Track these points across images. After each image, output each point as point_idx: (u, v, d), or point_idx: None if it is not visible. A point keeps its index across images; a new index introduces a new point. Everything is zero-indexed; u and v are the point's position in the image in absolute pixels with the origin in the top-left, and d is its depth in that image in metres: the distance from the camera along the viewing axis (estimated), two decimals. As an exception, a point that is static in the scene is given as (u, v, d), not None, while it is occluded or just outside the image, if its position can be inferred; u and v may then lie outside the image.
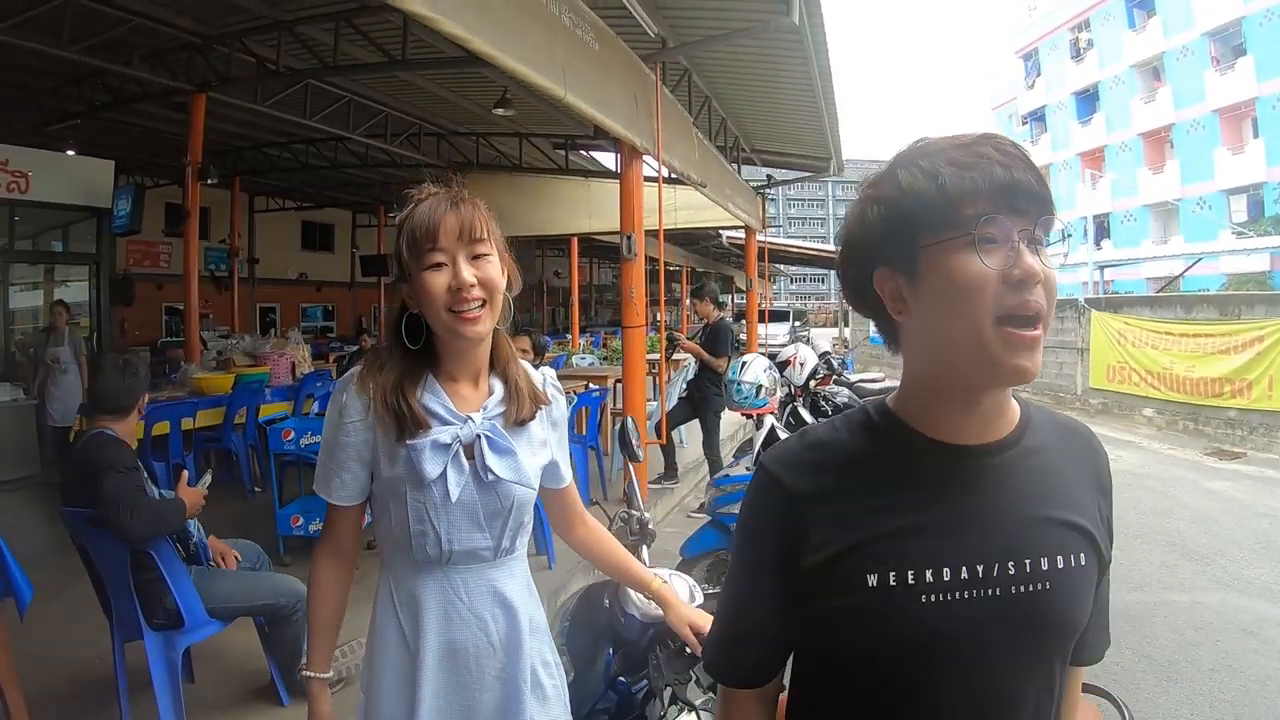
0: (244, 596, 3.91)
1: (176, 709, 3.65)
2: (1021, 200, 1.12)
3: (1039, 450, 1.24)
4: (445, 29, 4.25)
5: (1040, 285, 1.10)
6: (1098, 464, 1.32)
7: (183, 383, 9.21)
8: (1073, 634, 1.21)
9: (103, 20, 9.06)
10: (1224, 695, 4.67)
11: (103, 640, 3.89)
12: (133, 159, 15.94)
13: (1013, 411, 1.25)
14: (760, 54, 9.84)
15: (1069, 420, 1.37)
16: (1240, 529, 8.13)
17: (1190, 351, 14.34)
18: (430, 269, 1.76)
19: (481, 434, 1.83)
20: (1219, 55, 31.85)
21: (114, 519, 3.42)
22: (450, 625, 1.84)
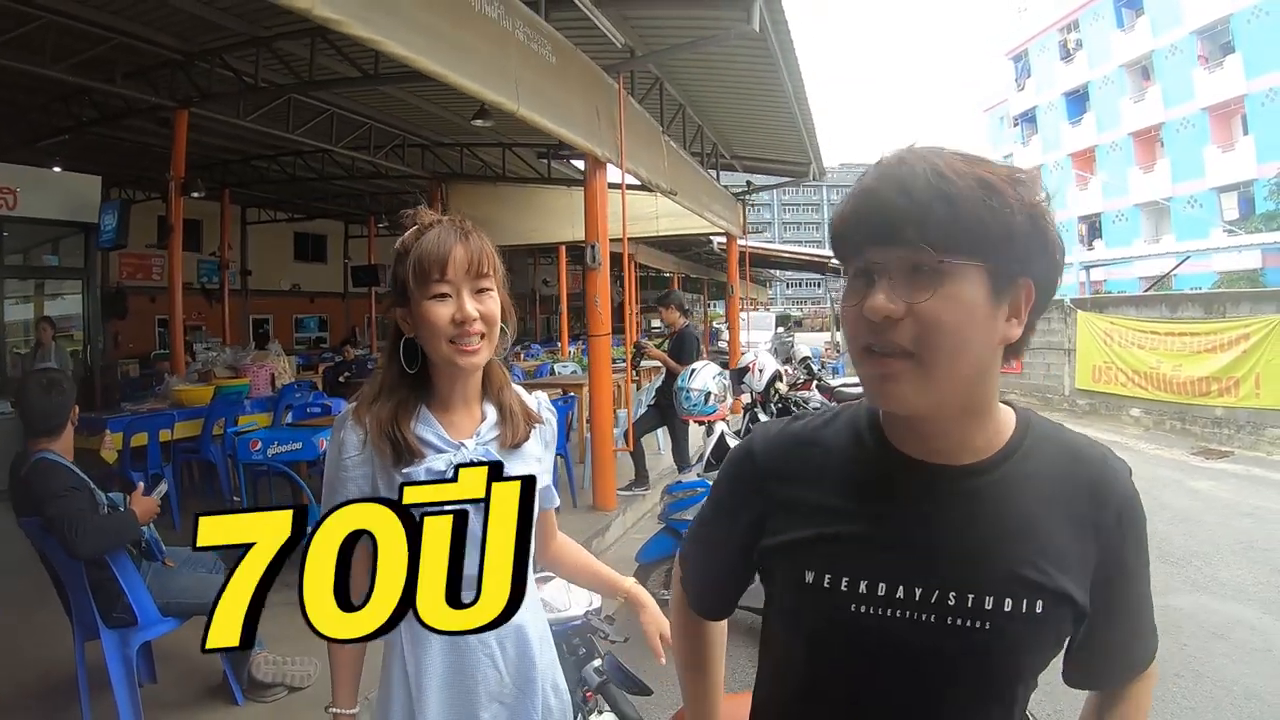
0: (197, 595, 4.01)
1: (134, 704, 3.76)
2: (877, 233, 1.10)
3: (1022, 479, 1.17)
4: (389, 50, 4.36)
5: (899, 322, 1.07)
6: (1103, 499, 1.19)
7: (165, 395, 9.31)
8: (1017, 680, 1.17)
9: (85, 39, 9.18)
10: (1188, 702, 4.54)
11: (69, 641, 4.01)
12: (122, 173, 16.04)
13: (998, 432, 1.20)
14: (729, 61, 9.96)
15: (1082, 446, 1.24)
16: (1222, 529, 8.07)
17: (1176, 351, 14.28)
18: (435, 299, 1.78)
19: (475, 459, 1.83)
20: (1207, 53, 31.79)
21: (63, 542, 3.55)
22: (455, 649, 1.85)
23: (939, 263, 1.04)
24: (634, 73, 9.23)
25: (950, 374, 1.08)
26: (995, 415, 1.20)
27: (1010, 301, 1.10)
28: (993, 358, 1.12)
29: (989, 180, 1.06)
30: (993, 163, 1.11)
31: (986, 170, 1.08)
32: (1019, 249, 1.07)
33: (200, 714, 4.17)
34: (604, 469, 8.28)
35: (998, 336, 1.10)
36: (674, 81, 10.81)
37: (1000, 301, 1.08)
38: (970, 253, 1.05)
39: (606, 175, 8.25)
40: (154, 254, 18.53)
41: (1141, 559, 1.24)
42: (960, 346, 1.07)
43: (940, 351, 1.06)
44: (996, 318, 1.09)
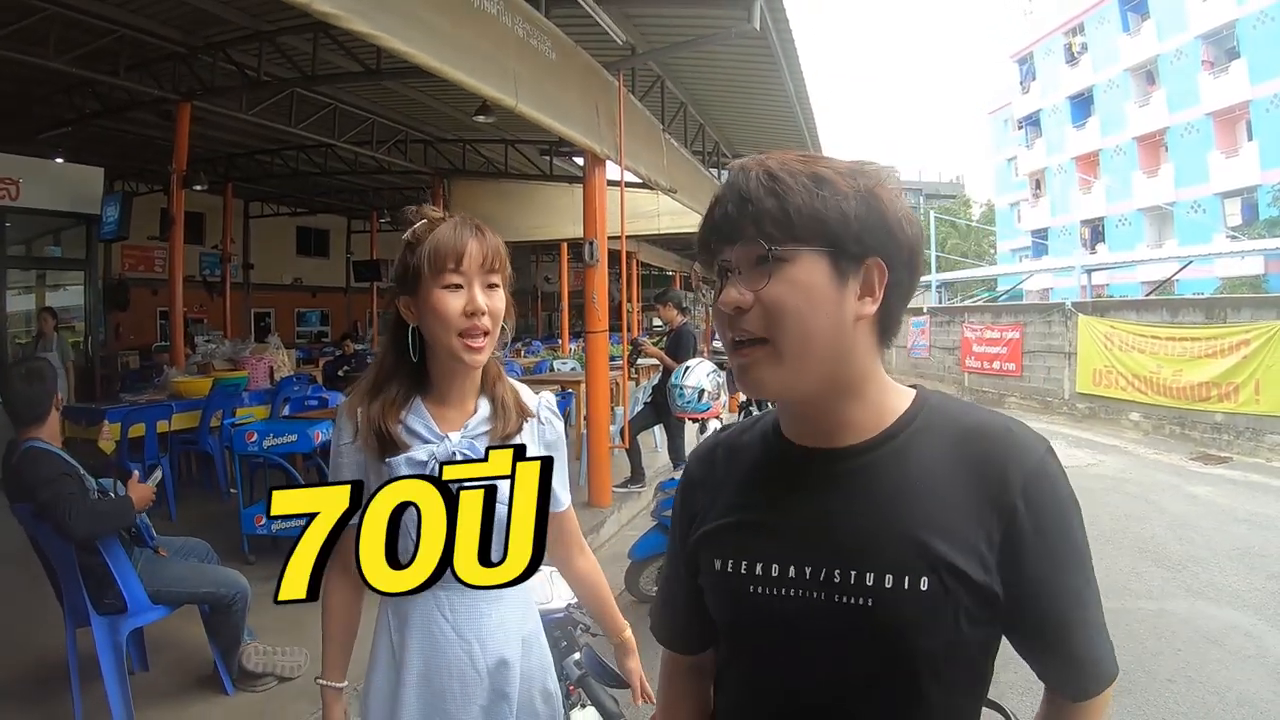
0: (187, 584, 4.08)
1: (123, 691, 3.79)
2: (724, 234, 1.20)
3: (908, 456, 1.19)
4: (387, 45, 4.38)
5: (749, 311, 1.15)
6: (1003, 475, 1.16)
7: (164, 386, 9.34)
8: (914, 663, 1.14)
9: (89, 31, 9.20)
10: (1178, 707, 4.55)
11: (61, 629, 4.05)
12: (125, 165, 16.06)
13: (884, 413, 1.23)
14: (730, 59, 9.95)
15: (985, 422, 1.23)
16: (1218, 534, 8.07)
17: (1177, 355, 14.30)
18: (447, 289, 1.80)
19: (458, 451, 1.86)
20: (1212, 58, 31.75)
21: (57, 525, 3.62)
22: (434, 644, 1.86)
23: (775, 251, 1.13)
24: (635, 70, 9.25)
25: (802, 352, 1.14)
26: (879, 396, 1.23)
27: (861, 281, 1.15)
28: (848, 336, 1.16)
29: (821, 174, 1.14)
30: (834, 159, 1.19)
31: (823, 166, 1.16)
32: (854, 231, 1.13)
33: (191, 703, 4.19)
34: (600, 465, 8.31)
35: (849, 315, 1.15)
36: (675, 79, 10.81)
37: (844, 281, 1.14)
38: (805, 240, 1.12)
39: (606, 172, 8.28)
40: (156, 246, 18.52)
41: (1066, 545, 1.16)
42: (806, 326, 1.13)
43: (787, 332, 1.13)
44: (843, 297, 1.14)
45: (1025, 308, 21.09)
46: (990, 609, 1.14)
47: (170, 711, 4.09)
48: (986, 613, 1.15)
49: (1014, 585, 1.14)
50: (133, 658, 4.34)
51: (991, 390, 19.97)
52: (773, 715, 1.27)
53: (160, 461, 7.72)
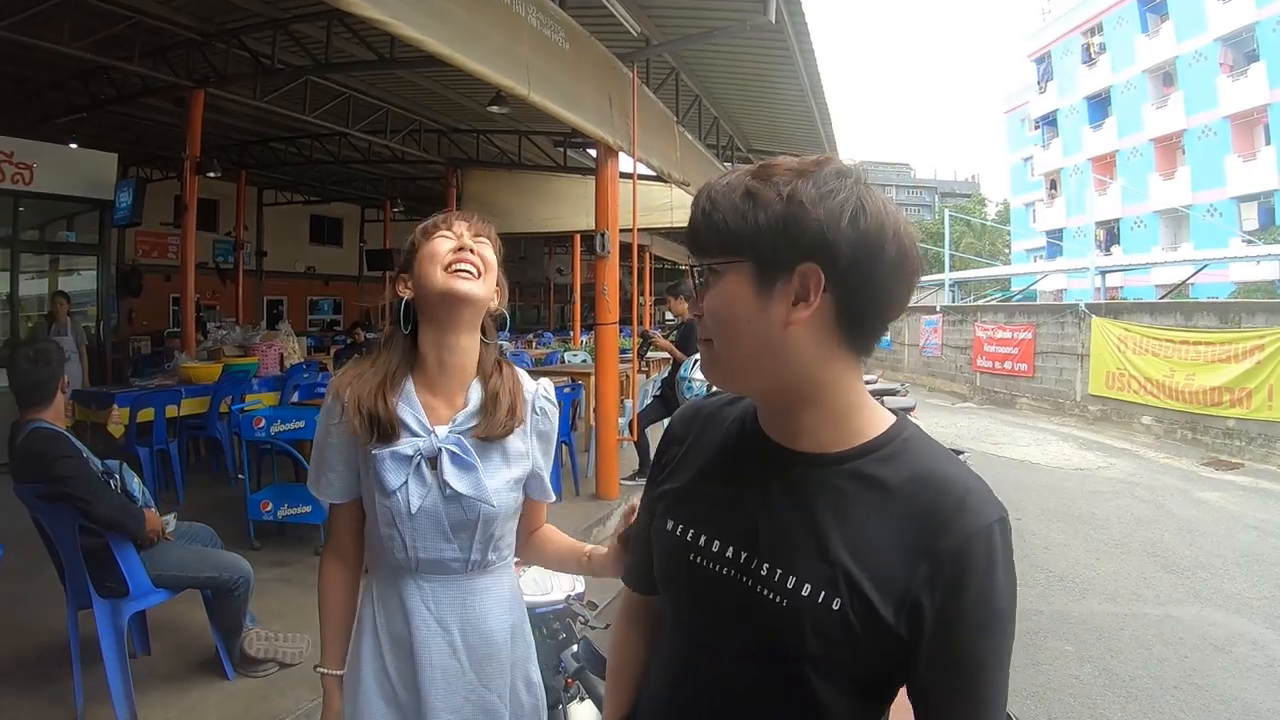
0: (190, 568, 4.07)
1: (123, 674, 3.78)
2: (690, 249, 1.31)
3: (863, 481, 1.21)
4: (399, 32, 4.37)
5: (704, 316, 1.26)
6: (941, 532, 1.14)
7: (173, 372, 9.37)
8: (807, 665, 1.17)
9: (104, 17, 9.23)
10: (1184, 714, 4.55)
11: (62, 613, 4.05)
12: (139, 152, 16.10)
13: (858, 431, 1.25)
14: (745, 52, 9.94)
15: (947, 475, 1.20)
16: (1227, 541, 8.04)
17: (1190, 359, 14.23)
18: (437, 238, 1.87)
19: (444, 447, 1.84)
20: (1231, 61, 31.61)
21: (78, 500, 3.65)
22: (417, 632, 1.86)
23: (704, 266, 1.24)
24: (650, 62, 9.23)
25: (732, 354, 1.23)
26: (844, 411, 1.25)
27: (793, 287, 1.16)
28: (778, 342, 1.18)
29: (753, 188, 1.18)
30: (780, 167, 1.21)
31: (762, 178, 1.19)
32: (770, 241, 1.16)
33: (192, 687, 4.18)
34: (608, 458, 8.33)
35: (778, 320, 1.17)
36: (690, 72, 10.79)
37: (769, 289, 1.17)
38: (729, 252, 1.20)
39: (618, 164, 8.25)
40: (170, 233, 18.61)
41: (983, 615, 1.13)
42: (732, 331, 1.22)
43: (719, 336, 1.24)
44: (768, 305, 1.17)
45: (1038, 308, 21.03)
46: (890, 652, 1.15)
47: (171, 695, 4.09)
48: (885, 652, 1.15)
49: (919, 638, 1.14)
50: (134, 641, 4.34)
51: (1002, 390, 19.95)
52: (679, 676, 1.37)
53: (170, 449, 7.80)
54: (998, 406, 19.54)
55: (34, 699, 4.01)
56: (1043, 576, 6.82)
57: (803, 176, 1.17)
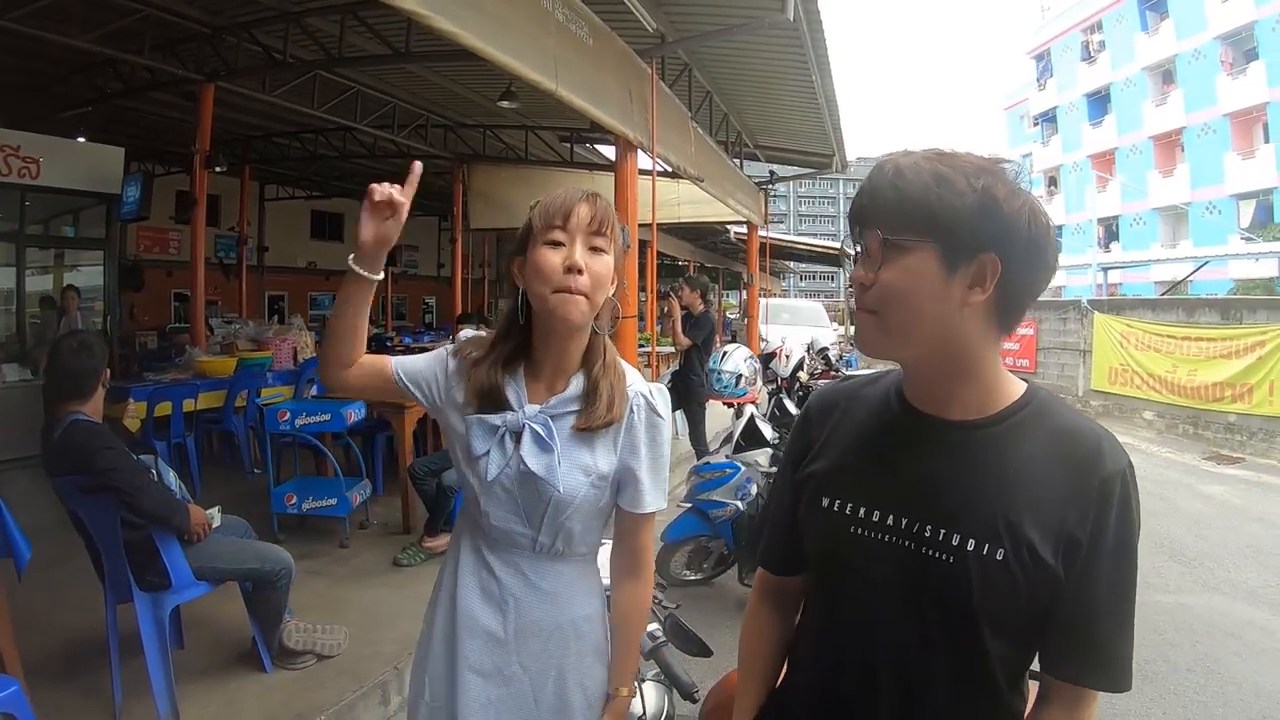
0: (231, 560, 4.06)
1: (165, 667, 3.79)
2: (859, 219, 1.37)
3: (1011, 440, 1.35)
4: (436, 25, 4.37)
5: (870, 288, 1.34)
6: (1087, 473, 1.31)
7: (187, 366, 9.35)
8: (978, 619, 1.30)
9: (114, 10, 9.16)
10: (1199, 696, 4.67)
11: (97, 607, 4.02)
12: (143, 146, 16.01)
13: (997, 398, 1.38)
14: (760, 50, 9.96)
15: (1081, 427, 1.37)
16: (1232, 533, 8.15)
17: (1192, 355, 14.33)
18: (549, 245, 1.80)
19: (528, 424, 1.85)
20: (1231, 59, 31.69)
21: (127, 491, 3.64)
22: (475, 595, 1.91)
23: (890, 240, 1.30)
24: (664, 59, 9.23)
25: (902, 327, 1.32)
26: (992, 380, 1.38)
27: (973, 273, 1.28)
28: (953, 320, 1.30)
29: (943, 173, 1.27)
30: (960, 158, 1.31)
31: (949, 164, 1.29)
32: (969, 227, 1.25)
33: (229, 680, 4.19)
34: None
35: (954, 300, 1.29)
36: (702, 68, 10.81)
37: (952, 272, 1.27)
38: (919, 232, 1.27)
39: (638, 159, 8.25)
40: (171, 228, 18.58)
41: (1124, 550, 1.31)
42: (908, 307, 1.30)
43: (890, 310, 1.32)
44: (949, 286, 1.28)
45: (1040, 304, 20.99)
46: (1049, 589, 1.30)
47: (208, 687, 4.09)
48: (1045, 592, 1.30)
49: (1071, 571, 1.30)
50: (170, 634, 4.34)
51: (1005, 386, 19.79)
52: (847, 641, 1.45)
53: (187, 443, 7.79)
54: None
55: (71, 693, 3.99)
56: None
57: (990, 173, 1.27)
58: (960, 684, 1.35)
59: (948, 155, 1.31)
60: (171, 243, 19.23)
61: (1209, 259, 22.45)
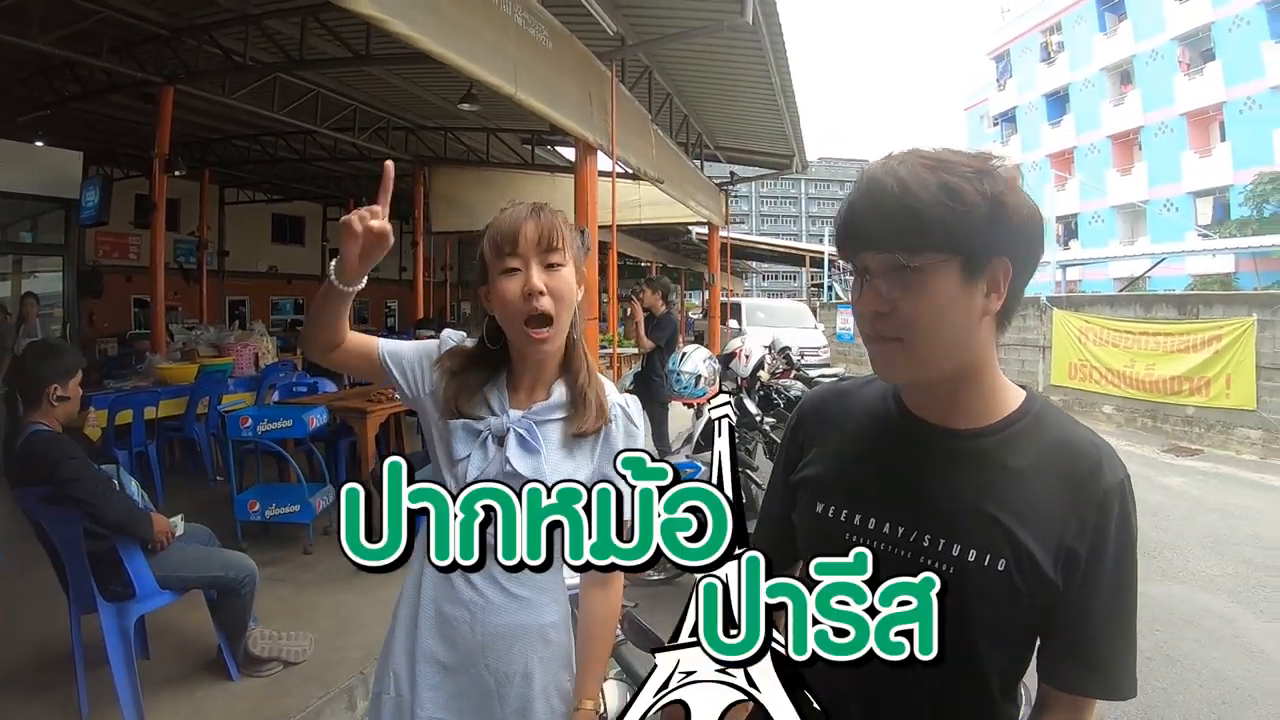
0: (195, 568, 4.05)
1: (130, 677, 3.77)
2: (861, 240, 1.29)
3: (1016, 451, 1.32)
4: (394, 29, 4.38)
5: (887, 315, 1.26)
6: (1088, 488, 1.28)
7: (147, 373, 9.26)
8: (974, 629, 1.27)
9: (72, 11, 9.06)
10: (1159, 684, 4.72)
11: (63, 617, 4.00)
12: (102, 150, 15.84)
13: (1002, 405, 1.36)
14: (719, 52, 9.99)
15: (1081, 439, 1.34)
16: (1190, 523, 8.24)
17: (1150, 350, 14.47)
18: (505, 274, 1.82)
19: (513, 428, 1.87)
20: (1188, 60, 32.10)
21: (89, 502, 3.62)
22: (444, 596, 1.89)
23: (912, 265, 1.22)
24: (625, 61, 9.27)
25: (932, 350, 1.27)
26: (994, 388, 1.36)
27: (987, 279, 1.24)
28: (974, 332, 1.28)
29: (950, 184, 1.20)
30: (955, 162, 1.25)
31: (949, 172, 1.22)
32: (985, 236, 1.21)
33: (196, 689, 4.18)
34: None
35: (976, 312, 1.25)
36: (663, 71, 10.85)
37: (973, 283, 1.24)
38: (939, 249, 1.21)
39: (598, 161, 8.28)
40: (131, 233, 18.34)
41: (1124, 562, 1.29)
42: (938, 329, 1.25)
43: (920, 335, 1.25)
44: (972, 297, 1.24)
45: (1000, 301, 21.23)
46: (1047, 601, 1.27)
47: (175, 697, 4.08)
48: (1043, 602, 1.27)
49: (1074, 585, 1.28)
50: (135, 644, 4.31)
51: (966, 383, 19.95)
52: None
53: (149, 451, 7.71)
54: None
55: (37, 705, 3.97)
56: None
57: (992, 176, 1.23)
58: (953, 692, 1.33)
59: (942, 161, 1.26)
60: (131, 248, 18.99)
61: (1166, 255, 22.73)
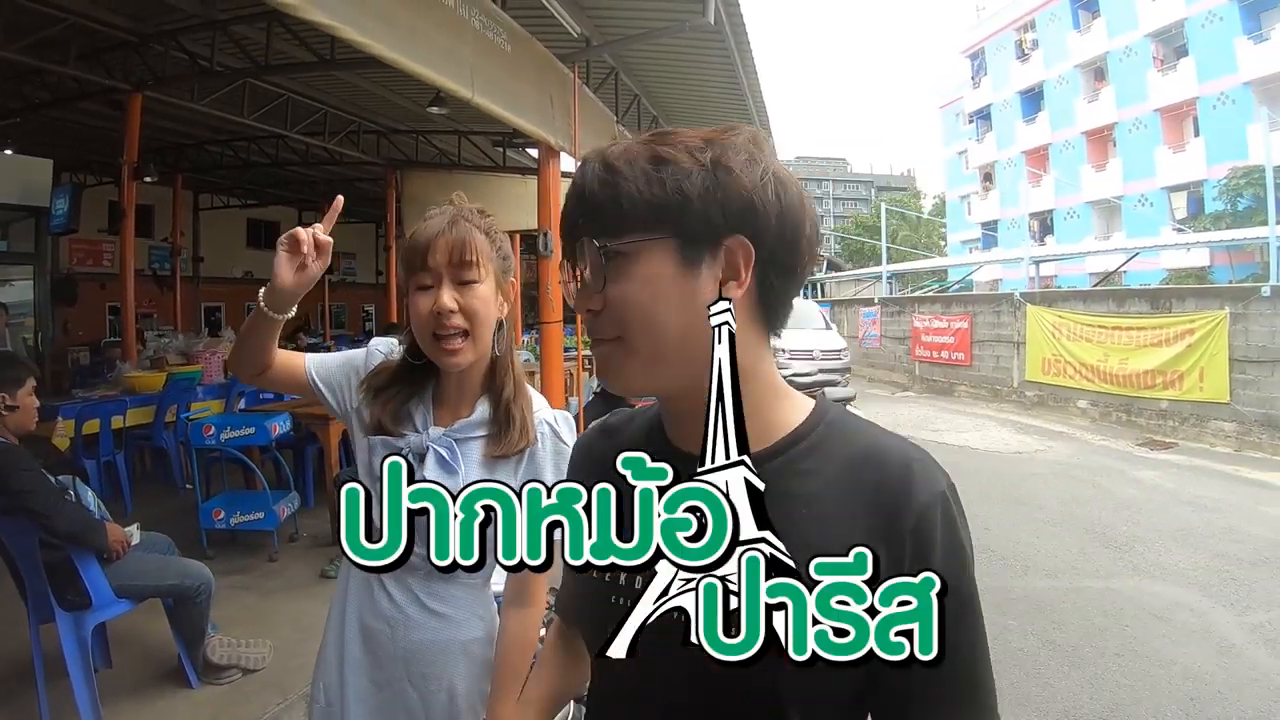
0: (152, 577, 4.07)
1: (89, 686, 3.79)
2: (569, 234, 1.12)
3: (802, 473, 1.06)
4: (345, 36, 4.39)
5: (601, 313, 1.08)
6: (895, 506, 1.01)
7: (117, 382, 9.24)
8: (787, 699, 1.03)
9: (37, 18, 9.01)
10: (1126, 679, 4.73)
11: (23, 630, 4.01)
12: (74, 157, 15.78)
13: (782, 421, 1.10)
14: (685, 52, 10.04)
15: (885, 448, 1.07)
16: (1162, 516, 8.28)
17: (1123, 345, 14.63)
18: (419, 290, 1.82)
19: (432, 446, 1.87)
20: (1161, 56, 32.27)
21: (40, 513, 3.64)
22: (367, 609, 1.91)
23: (610, 248, 1.04)
24: (590, 62, 9.29)
25: (655, 346, 1.05)
26: (767, 403, 1.10)
27: (722, 264, 1.03)
28: (705, 321, 1.00)
29: (662, 153, 1.03)
30: (685, 134, 1.06)
31: (670, 144, 1.04)
32: (704, 211, 1.01)
33: (156, 697, 4.20)
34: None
35: (703, 301, 1.01)
36: (629, 72, 10.88)
37: (696, 267, 1.03)
38: (645, 229, 1.03)
39: (560, 163, 8.30)
40: (105, 240, 18.27)
41: (952, 578, 0.95)
42: (654, 320, 1.04)
43: (634, 329, 1.05)
44: (697, 285, 1.03)
45: (974, 298, 21.38)
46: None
47: (136, 706, 4.10)
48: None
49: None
50: (95, 654, 4.30)
51: (941, 379, 20.30)
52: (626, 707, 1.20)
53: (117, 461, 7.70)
54: (937, 395, 19.86)
55: (-2, 716, 3.97)
56: (984, 556, 6.92)
57: (719, 144, 1.04)
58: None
59: (667, 134, 1.07)
60: (105, 255, 18.92)
61: (1139, 250, 22.86)
